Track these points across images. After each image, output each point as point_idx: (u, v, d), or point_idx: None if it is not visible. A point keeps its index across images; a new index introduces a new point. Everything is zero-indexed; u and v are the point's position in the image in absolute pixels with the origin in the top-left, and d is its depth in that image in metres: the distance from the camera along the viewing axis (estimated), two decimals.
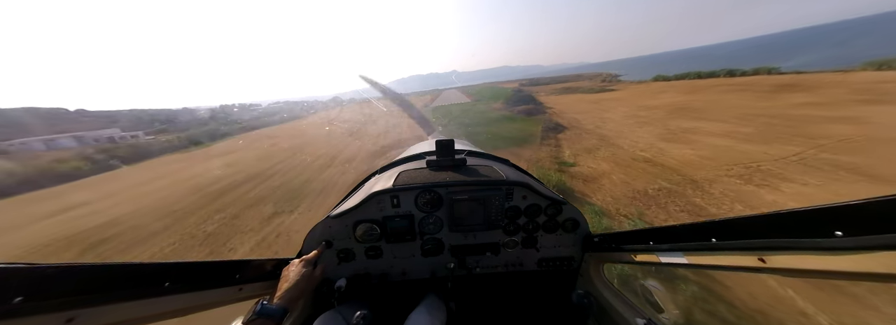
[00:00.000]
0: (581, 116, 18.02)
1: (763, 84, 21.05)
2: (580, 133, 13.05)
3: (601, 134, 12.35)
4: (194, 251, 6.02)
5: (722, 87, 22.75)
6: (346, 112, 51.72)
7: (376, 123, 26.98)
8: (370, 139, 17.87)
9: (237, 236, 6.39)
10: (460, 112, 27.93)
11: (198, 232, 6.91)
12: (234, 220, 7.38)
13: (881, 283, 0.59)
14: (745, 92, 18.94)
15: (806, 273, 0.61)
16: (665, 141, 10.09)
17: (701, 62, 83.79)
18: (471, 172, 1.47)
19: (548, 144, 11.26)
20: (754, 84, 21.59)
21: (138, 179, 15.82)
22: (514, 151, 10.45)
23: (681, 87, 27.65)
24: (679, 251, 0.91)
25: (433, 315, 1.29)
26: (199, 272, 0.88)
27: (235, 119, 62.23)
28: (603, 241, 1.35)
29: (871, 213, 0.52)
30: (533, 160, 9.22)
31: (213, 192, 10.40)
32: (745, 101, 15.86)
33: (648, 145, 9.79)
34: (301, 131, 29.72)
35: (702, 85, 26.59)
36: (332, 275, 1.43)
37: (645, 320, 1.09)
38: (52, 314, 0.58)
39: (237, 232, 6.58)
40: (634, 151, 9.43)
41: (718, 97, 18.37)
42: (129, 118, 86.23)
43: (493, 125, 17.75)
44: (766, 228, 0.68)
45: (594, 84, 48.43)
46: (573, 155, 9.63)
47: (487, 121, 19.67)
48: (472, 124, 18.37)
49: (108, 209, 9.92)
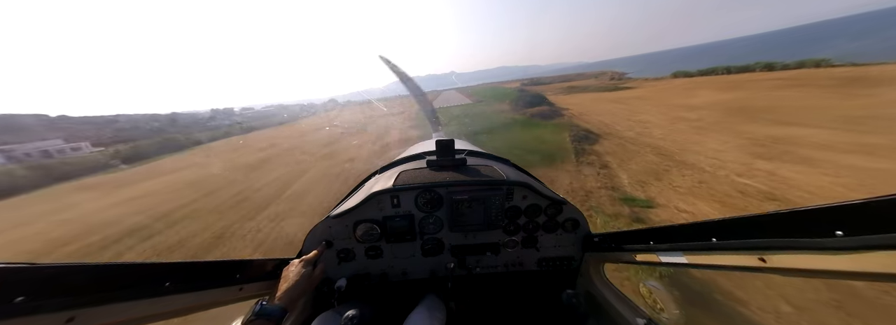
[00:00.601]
0: (609, 118, 14.89)
1: (819, 78, 17.92)
2: (623, 144, 9.93)
3: (654, 145, 9.23)
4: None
5: (766, 82, 19.62)
6: (347, 113, 48.60)
7: (376, 123, 23.85)
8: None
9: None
10: (465, 115, 24.80)
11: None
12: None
13: (881, 283, 0.54)
14: (804, 87, 15.80)
15: (806, 273, 0.61)
16: (764, 159, 6.97)
17: (704, 59, 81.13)
18: (471, 172, 1.45)
19: (588, 163, 8.13)
20: (807, 78, 18.47)
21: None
22: (546, 173, 7.32)
23: (712, 83, 24.53)
24: (679, 251, 0.90)
25: (433, 315, 1.27)
26: (200, 271, 0.88)
27: (215, 126, 57.42)
28: (603, 241, 1.34)
29: (871, 213, 0.52)
30: (579, 193, 6.13)
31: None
32: (820, 99, 12.71)
33: (743, 166, 6.68)
34: (285, 136, 26.67)
35: (738, 80, 23.47)
36: (332, 275, 1.42)
37: (645, 320, 1.08)
38: (53, 314, 0.58)
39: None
40: (729, 175, 6.32)
41: (776, 94, 15.21)
42: (107, 124, 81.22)
43: (506, 132, 14.65)
44: (767, 228, 0.67)
45: (602, 82, 45.48)
46: (638, 183, 6.50)
47: (499, 126, 16.54)
48: (482, 131, 15.20)
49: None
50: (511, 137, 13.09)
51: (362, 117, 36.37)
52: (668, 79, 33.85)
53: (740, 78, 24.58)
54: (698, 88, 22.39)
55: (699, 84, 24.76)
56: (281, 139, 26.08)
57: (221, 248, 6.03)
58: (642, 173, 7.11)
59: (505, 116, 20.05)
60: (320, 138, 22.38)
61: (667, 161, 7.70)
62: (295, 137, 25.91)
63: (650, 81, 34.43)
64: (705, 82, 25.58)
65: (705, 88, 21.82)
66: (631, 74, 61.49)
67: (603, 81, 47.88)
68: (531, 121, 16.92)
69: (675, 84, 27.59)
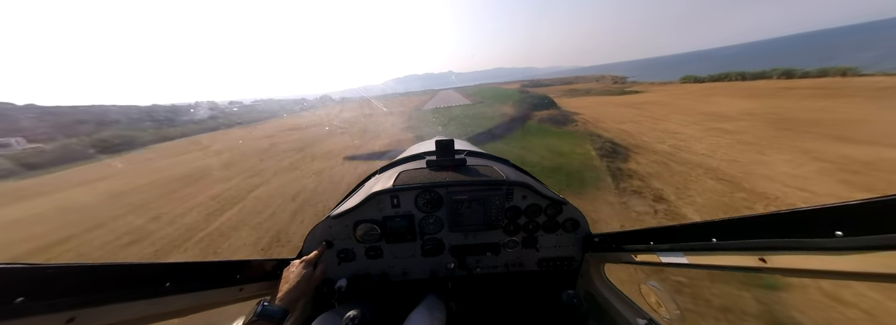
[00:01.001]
0: (631, 127, 13.13)
1: (852, 87, 16.49)
2: (664, 162, 8.14)
3: (706, 166, 7.45)
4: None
5: (793, 90, 18.12)
6: (347, 112, 46.05)
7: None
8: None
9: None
10: (464, 116, 22.85)
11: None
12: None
13: (881, 283, 0.53)
14: (840, 97, 14.28)
15: (806, 273, 0.61)
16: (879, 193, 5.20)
17: (700, 66, 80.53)
18: (471, 172, 1.46)
19: (634, 191, 6.28)
20: (837, 87, 17.03)
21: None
22: (581, 205, 5.44)
23: (728, 89, 23.08)
24: (679, 251, 0.90)
25: (433, 315, 1.26)
26: (200, 272, 0.88)
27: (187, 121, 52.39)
28: (603, 241, 1.34)
29: (871, 213, 0.51)
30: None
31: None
32: (868, 111, 11.17)
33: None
34: (255, 137, 24.36)
35: (755, 87, 22.03)
36: (332, 275, 1.42)
37: (646, 320, 1.09)
38: (53, 315, 0.58)
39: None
40: None
41: (812, 105, 13.62)
42: (72, 115, 74.84)
43: (516, 140, 12.78)
44: (767, 228, 0.67)
45: (605, 86, 44.12)
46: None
47: (506, 132, 14.64)
48: (488, 139, 13.30)
49: None
50: (523, 146, 11.21)
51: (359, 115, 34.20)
52: (676, 83, 32.41)
53: (757, 85, 23.14)
54: (714, 94, 20.86)
55: (714, 90, 23.27)
56: (250, 141, 23.57)
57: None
58: (717, 210, 5.29)
59: (510, 120, 18.19)
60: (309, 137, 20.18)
61: (738, 191, 5.90)
62: (273, 137, 23.57)
63: (658, 86, 32.99)
64: (720, 88, 24.12)
65: (722, 94, 20.30)
66: (632, 77, 60.35)
67: (605, 85, 46.53)
68: (541, 127, 15.05)
69: (686, 89, 26.08)
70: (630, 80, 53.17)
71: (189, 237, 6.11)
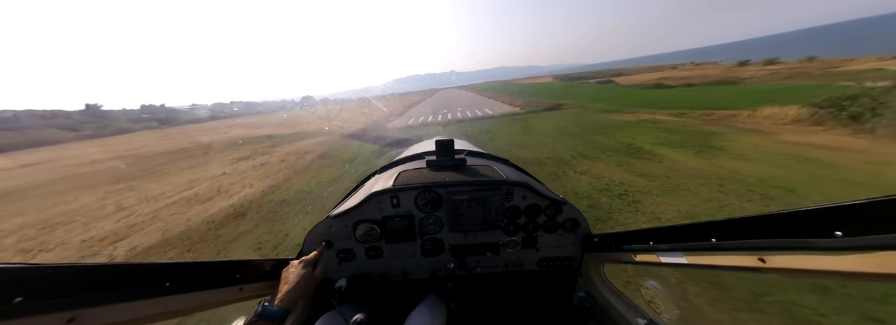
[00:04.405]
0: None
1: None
2: None
3: None
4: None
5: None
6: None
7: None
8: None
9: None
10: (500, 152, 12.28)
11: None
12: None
13: (881, 283, 0.53)
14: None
15: (806, 273, 0.61)
16: None
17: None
18: (471, 172, 1.45)
19: None
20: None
21: None
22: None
23: None
24: (679, 251, 0.90)
25: (433, 315, 1.26)
26: (200, 272, 0.88)
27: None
28: (603, 241, 1.33)
29: (871, 213, 0.51)
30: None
31: None
32: None
33: None
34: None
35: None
36: (332, 275, 1.41)
37: (646, 320, 1.08)
38: (53, 315, 0.58)
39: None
40: None
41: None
42: (40, 118, 66.53)
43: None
44: (766, 228, 0.67)
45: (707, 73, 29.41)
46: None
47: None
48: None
49: None
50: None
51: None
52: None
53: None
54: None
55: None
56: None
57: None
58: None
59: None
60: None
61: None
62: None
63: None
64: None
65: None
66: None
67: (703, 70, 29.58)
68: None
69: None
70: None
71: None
